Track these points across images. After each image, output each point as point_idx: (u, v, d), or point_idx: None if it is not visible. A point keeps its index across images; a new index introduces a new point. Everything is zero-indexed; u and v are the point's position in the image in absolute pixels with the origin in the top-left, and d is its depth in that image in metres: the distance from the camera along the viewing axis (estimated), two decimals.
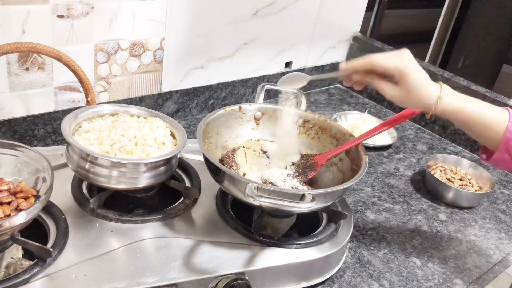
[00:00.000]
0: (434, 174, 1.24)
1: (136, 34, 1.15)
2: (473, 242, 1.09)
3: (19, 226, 0.71)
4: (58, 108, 1.10)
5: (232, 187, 0.82)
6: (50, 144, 1.12)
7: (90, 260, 0.76)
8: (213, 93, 1.40)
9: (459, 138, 1.52)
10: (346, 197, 1.12)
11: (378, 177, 1.27)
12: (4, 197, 0.76)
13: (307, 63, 1.64)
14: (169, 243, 0.83)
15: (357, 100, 1.71)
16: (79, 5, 1.02)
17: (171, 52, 1.24)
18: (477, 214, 1.19)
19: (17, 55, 0.98)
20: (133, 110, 0.97)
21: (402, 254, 1.01)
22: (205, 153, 0.84)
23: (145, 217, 0.86)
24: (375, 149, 1.40)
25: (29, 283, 0.71)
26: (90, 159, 0.82)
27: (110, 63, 1.14)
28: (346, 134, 1.00)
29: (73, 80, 1.04)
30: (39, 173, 0.80)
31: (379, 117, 1.55)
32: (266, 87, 1.06)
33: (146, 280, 0.75)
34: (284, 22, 1.46)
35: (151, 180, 0.86)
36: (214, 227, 0.88)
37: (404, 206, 1.17)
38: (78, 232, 0.81)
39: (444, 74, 1.53)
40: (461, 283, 0.96)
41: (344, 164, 0.99)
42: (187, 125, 1.34)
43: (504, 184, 1.35)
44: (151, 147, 0.87)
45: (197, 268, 0.79)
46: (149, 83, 1.24)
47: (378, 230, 1.07)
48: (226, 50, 1.37)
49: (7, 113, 1.03)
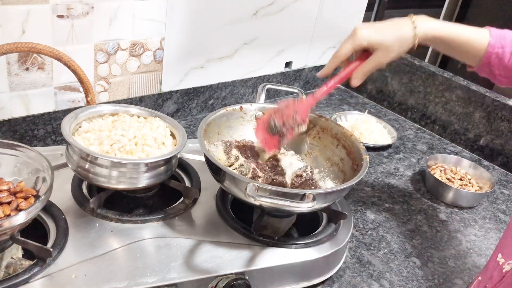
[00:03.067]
0: (434, 174, 1.24)
1: (136, 34, 1.15)
2: (473, 242, 1.09)
3: (19, 226, 0.71)
4: (58, 108, 1.10)
5: (233, 187, 0.82)
6: (50, 144, 1.12)
7: (90, 260, 0.76)
8: (213, 93, 1.40)
9: (459, 138, 1.52)
10: (346, 197, 1.12)
11: (378, 177, 1.27)
12: (4, 197, 0.76)
13: (307, 63, 1.64)
14: (169, 243, 0.83)
15: (357, 100, 1.71)
16: (79, 5, 1.02)
17: (171, 52, 1.24)
18: (477, 214, 1.19)
19: (17, 55, 0.98)
20: (133, 110, 0.97)
21: (402, 254, 1.01)
22: (206, 153, 0.85)
23: (145, 217, 0.86)
24: (375, 149, 1.39)
25: (29, 283, 0.71)
26: (90, 159, 0.82)
27: (110, 63, 1.14)
28: (347, 134, 1.00)
29: (73, 80, 1.04)
30: (39, 173, 0.80)
31: (379, 117, 1.55)
32: (267, 87, 1.06)
33: (146, 280, 0.75)
34: (284, 22, 1.46)
35: (151, 180, 0.86)
36: (214, 227, 0.88)
37: (404, 206, 1.17)
38: (78, 232, 0.81)
39: (444, 74, 1.53)
40: (461, 283, 0.96)
41: (345, 164, 0.99)
42: (187, 125, 1.34)
43: (504, 184, 1.35)
44: (151, 147, 0.87)
45: (197, 268, 0.79)
46: (149, 83, 1.24)
47: (378, 230, 1.07)
48: (226, 50, 1.37)
49: (7, 113, 1.03)
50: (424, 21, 0.85)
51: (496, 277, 0.63)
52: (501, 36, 0.85)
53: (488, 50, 0.84)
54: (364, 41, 0.83)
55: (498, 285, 0.62)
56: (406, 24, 0.84)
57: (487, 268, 0.67)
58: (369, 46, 0.84)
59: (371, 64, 0.85)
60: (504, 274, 0.62)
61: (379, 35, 0.83)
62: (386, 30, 0.84)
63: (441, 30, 0.85)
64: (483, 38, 0.85)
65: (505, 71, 0.86)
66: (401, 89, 1.65)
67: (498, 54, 0.84)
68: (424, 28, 0.84)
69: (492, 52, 0.85)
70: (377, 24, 0.85)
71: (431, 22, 0.86)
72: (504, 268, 0.62)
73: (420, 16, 0.86)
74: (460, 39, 0.86)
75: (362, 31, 0.83)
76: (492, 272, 0.64)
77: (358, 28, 0.84)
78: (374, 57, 0.84)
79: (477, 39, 0.85)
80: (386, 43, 0.83)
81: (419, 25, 0.84)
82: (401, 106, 1.66)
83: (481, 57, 0.86)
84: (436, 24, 0.86)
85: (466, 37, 0.86)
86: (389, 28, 0.84)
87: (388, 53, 0.84)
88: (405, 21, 0.85)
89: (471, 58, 0.88)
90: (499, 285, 0.62)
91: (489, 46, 0.84)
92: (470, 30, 0.87)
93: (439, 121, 1.56)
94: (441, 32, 0.85)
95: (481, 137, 1.47)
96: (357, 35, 0.83)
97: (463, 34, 0.86)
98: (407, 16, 0.86)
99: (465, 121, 1.50)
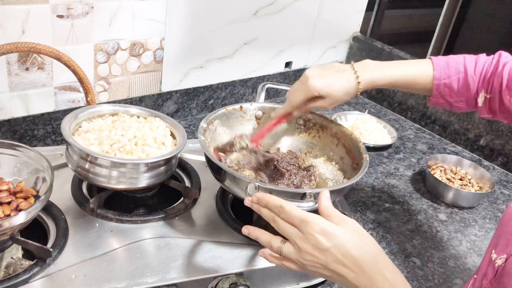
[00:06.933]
0: (434, 174, 1.24)
1: (136, 34, 1.15)
2: (473, 242, 1.09)
3: (19, 226, 0.71)
4: (58, 108, 1.10)
5: (233, 186, 0.82)
6: (50, 144, 1.12)
7: (90, 260, 0.76)
8: (213, 93, 1.40)
9: (459, 138, 1.52)
10: (346, 197, 1.12)
11: (378, 177, 1.27)
12: (4, 197, 0.76)
13: (307, 63, 1.64)
14: (169, 243, 0.83)
15: (357, 100, 1.71)
16: (79, 5, 1.02)
17: (171, 52, 1.24)
18: (477, 214, 1.19)
19: (17, 55, 0.98)
20: (133, 110, 0.97)
21: (402, 254, 1.01)
22: (206, 152, 0.85)
23: (145, 217, 0.86)
24: (375, 149, 1.39)
25: (29, 283, 0.71)
26: (90, 159, 0.82)
27: (110, 63, 1.14)
28: (347, 133, 1.00)
29: (73, 80, 1.04)
30: (39, 173, 0.80)
31: (379, 117, 1.55)
32: (267, 86, 1.06)
33: (146, 280, 0.75)
34: (284, 22, 1.46)
35: (151, 180, 0.86)
36: (214, 227, 0.88)
37: (404, 206, 1.17)
38: (78, 232, 0.81)
39: None
40: (461, 283, 0.96)
41: (345, 163, 0.99)
42: (187, 125, 1.34)
43: (504, 184, 1.35)
44: (151, 147, 0.87)
45: (197, 268, 0.79)
46: (149, 83, 1.24)
47: (378, 230, 1.07)
48: (226, 50, 1.37)
49: (7, 113, 1.03)
50: (366, 70, 0.90)
51: (490, 274, 0.63)
52: (444, 66, 0.90)
53: (434, 83, 0.90)
54: (316, 92, 0.88)
55: (493, 281, 0.62)
56: (349, 77, 0.90)
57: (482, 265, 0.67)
58: (319, 95, 0.89)
59: (317, 105, 0.91)
60: (497, 268, 0.62)
61: (328, 88, 0.88)
62: (335, 83, 0.89)
63: (383, 77, 0.91)
64: (426, 72, 0.90)
65: (459, 96, 0.90)
66: None
67: (446, 84, 0.89)
68: (367, 78, 0.90)
69: (439, 84, 0.89)
70: (325, 73, 0.90)
71: (373, 70, 0.90)
72: (496, 263, 0.62)
73: (362, 64, 0.91)
74: (404, 80, 0.91)
75: (314, 83, 0.88)
76: (487, 269, 0.65)
77: (310, 77, 0.88)
78: (321, 102, 0.90)
79: (421, 76, 0.91)
80: (334, 95, 0.89)
81: (361, 75, 0.89)
82: (401, 106, 1.66)
83: (430, 90, 0.91)
84: (378, 71, 0.90)
85: (409, 77, 0.91)
86: (337, 81, 0.90)
87: (334, 101, 0.90)
88: (349, 72, 0.90)
89: (422, 92, 0.93)
90: (494, 281, 0.62)
91: (435, 79, 0.89)
92: (412, 67, 0.91)
93: (439, 121, 1.56)
94: (382, 80, 0.91)
95: (481, 137, 1.47)
96: (309, 86, 0.88)
97: (405, 75, 0.91)
98: (349, 64, 0.91)
99: (465, 121, 1.50)
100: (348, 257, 0.61)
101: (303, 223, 0.62)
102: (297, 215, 0.63)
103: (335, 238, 0.61)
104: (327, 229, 0.61)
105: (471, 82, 0.88)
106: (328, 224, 0.62)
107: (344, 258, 0.61)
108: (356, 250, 0.61)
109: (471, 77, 0.88)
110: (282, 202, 0.65)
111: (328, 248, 0.61)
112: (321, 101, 0.90)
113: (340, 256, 0.61)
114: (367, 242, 0.63)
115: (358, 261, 0.61)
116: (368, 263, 0.61)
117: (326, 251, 0.61)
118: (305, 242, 0.62)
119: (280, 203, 0.65)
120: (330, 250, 0.61)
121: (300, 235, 0.62)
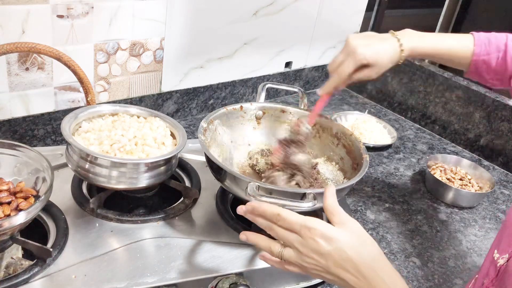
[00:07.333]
0: (434, 174, 1.24)
1: (136, 34, 1.15)
2: (473, 242, 1.09)
3: (19, 226, 0.71)
4: (58, 108, 1.10)
5: (233, 186, 0.82)
6: (50, 144, 1.12)
7: (90, 260, 0.76)
8: (213, 93, 1.40)
9: (459, 138, 1.52)
10: (346, 197, 1.12)
11: (378, 177, 1.27)
12: (4, 197, 0.76)
13: (307, 63, 1.64)
14: (169, 243, 0.83)
15: (357, 100, 1.71)
16: (79, 5, 1.02)
17: (171, 52, 1.24)
18: (477, 214, 1.19)
19: (17, 55, 0.98)
20: (133, 110, 0.97)
21: (402, 254, 1.01)
22: (206, 152, 0.85)
23: (145, 217, 0.86)
24: (375, 149, 1.39)
25: (29, 283, 0.71)
26: (90, 159, 0.82)
27: (110, 63, 1.14)
28: (347, 133, 1.00)
29: (73, 80, 1.04)
30: (39, 173, 0.80)
31: (379, 117, 1.55)
32: (267, 86, 1.06)
33: (146, 280, 0.75)
34: (284, 22, 1.46)
35: (151, 180, 0.86)
36: (214, 227, 0.88)
37: (404, 206, 1.17)
38: (78, 232, 0.81)
39: (444, 74, 1.53)
40: (461, 283, 0.96)
41: (345, 163, 0.99)
42: (187, 125, 1.34)
43: (504, 184, 1.34)
44: (151, 147, 0.87)
45: (197, 268, 0.79)
46: (149, 83, 1.24)
47: (378, 230, 1.07)
48: (226, 50, 1.37)
49: (7, 113, 1.03)
50: (408, 37, 0.89)
51: (492, 273, 0.63)
52: (485, 42, 0.88)
53: (473, 58, 0.88)
54: (365, 60, 0.85)
55: (495, 281, 0.62)
56: (392, 43, 0.88)
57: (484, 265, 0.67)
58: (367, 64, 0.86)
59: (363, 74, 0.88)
60: (499, 268, 0.62)
61: (376, 55, 0.86)
62: (382, 50, 0.87)
63: (425, 45, 0.89)
64: (467, 47, 0.89)
65: (495, 74, 0.89)
66: (401, 89, 1.65)
67: (484, 61, 0.88)
68: (409, 46, 0.88)
69: (477, 60, 0.88)
70: (370, 41, 0.87)
71: (414, 38, 0.89)
72: (498, 262, 0.62)
73: (403, 33, 0.89)
74: (443, 51, 0.89)
75: (363, 51, 0.85)
76: (489, 269, 0.65)
77: (357, 46, 0.85)
78: (367, 71, 0.87)
79: (461, 49, 0.89)
80: (381, 62, 0.87)
81: (405, 42, 0.87)
82: (401, 106, 1.66)
83: (468, 65, 0.89)
84: (420, 39, 0.89)
85: (449, 48, 0.89)
86: (383, 48, 0.87)
87: (380, 70, 0.88)
88: (392, 39, 0.88)
89: (458, 66, 0.92)
90: (496, 280, 0.62)
91: (474, 55, 0.88)
92: (454, 40, 0.90)
93: (439, 121, 1.56)
94: (425, 48, 0.89)
95: (481, 137, 1.47)
96: (359, 55, 0.85)
97: (446, 46, 0.89)
98: (389, 33, 0.90)
99: (465, 121, 1.50)
100: (348, 261, 0.60)
101: (304, 228, 0.61)
102: (297, 221, 0.62)
103: (335, 242, 0.61)
104: (327, 233, 0.61)
105: (510, 61, 0.87)
106: (328, 228, 0.62)
107: (344, 262, 0.60)
108: (356, 254, 0.60)
109: (510, 57, 0.87)
110: (279, 210, 0.64)
111: (328, 252, 0.61)
112: (368, 70, 0.87)
113: (340, 260, 0.61)
114: (367, 245, 0.63)
115: (358, 266, 0.60)
116: (368, 267, 0.60)
117: (327, 255, 0.61)
118: (305, 247, 0.61)
119: (277, 211, 0.64)
120: (330, 254, 0.61)
121: (300, 240, 0.62)
